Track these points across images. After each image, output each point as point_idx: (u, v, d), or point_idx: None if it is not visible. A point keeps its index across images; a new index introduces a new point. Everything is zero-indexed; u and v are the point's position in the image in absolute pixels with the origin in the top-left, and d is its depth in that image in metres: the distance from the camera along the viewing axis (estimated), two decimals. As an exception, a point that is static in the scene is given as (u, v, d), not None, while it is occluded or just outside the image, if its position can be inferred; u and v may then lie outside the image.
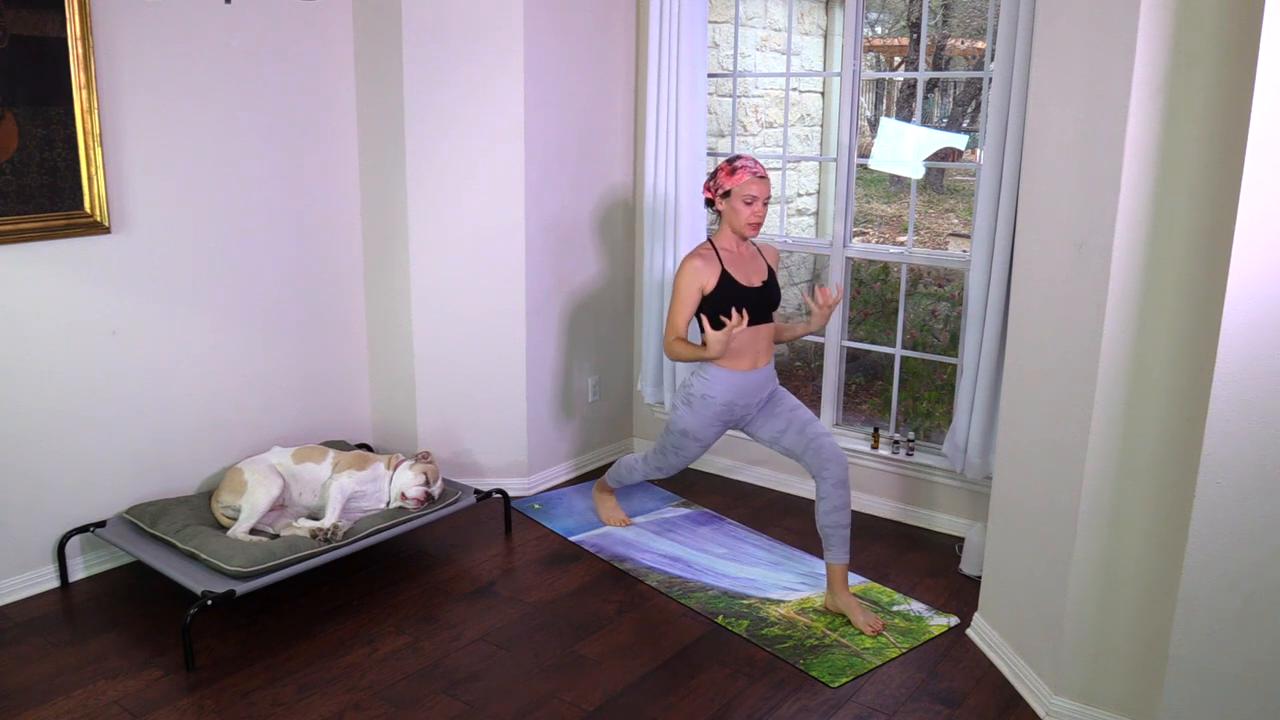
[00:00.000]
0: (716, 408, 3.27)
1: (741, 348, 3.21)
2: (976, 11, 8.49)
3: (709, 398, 3.25)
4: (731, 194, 3.15)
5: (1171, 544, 2.33)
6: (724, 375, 3.23)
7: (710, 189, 3.23)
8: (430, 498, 3.45)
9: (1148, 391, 2.37)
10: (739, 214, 3.15)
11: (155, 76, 3.29)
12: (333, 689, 2.77)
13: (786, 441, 3.28)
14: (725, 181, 3.16)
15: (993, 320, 3.42)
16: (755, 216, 3.15)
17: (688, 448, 3.39)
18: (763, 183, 3.14)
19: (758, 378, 3.27)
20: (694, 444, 3.37)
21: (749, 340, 3.22)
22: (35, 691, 2.72)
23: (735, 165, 3.15)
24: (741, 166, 3.14)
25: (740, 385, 3.25)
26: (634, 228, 4.47)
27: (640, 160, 4.37)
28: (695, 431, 3.33)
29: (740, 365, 3.23)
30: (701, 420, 3.30)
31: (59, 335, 3.18)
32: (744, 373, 3.24)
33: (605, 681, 2.83)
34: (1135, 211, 2.32)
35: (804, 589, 3.36)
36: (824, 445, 3.20)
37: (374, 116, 3.89)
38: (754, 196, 3.13)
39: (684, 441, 3.37)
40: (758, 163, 3.17)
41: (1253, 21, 2.03)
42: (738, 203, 3.14)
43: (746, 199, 3.13)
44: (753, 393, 3.28)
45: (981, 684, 2.84)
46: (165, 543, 3.15)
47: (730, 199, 3.16)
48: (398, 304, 4.00)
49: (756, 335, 3.23)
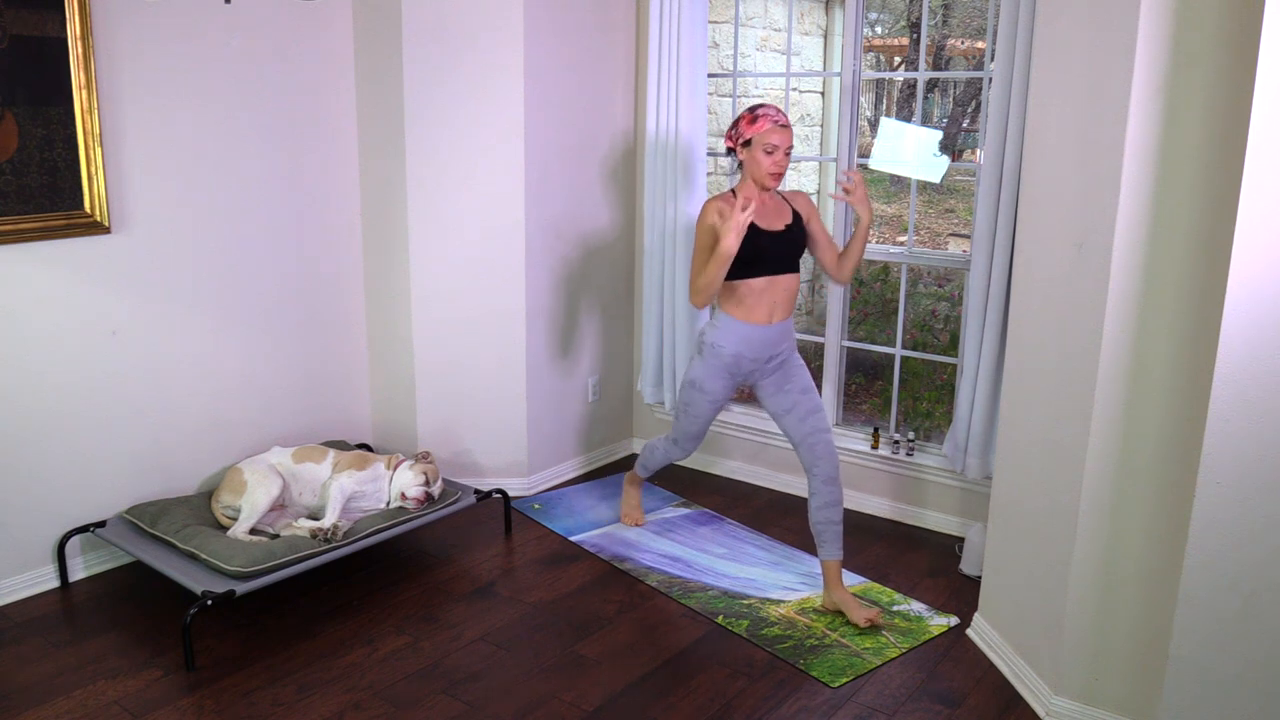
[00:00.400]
0: (725, 358, 3.17)
1: (756, 298, 3.11)
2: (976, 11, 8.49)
3: (718, 346, 3.17)
4: (752, 142, 3.06)
5: (1171, 544, 2.33)
6: (736, 326, 3.14)
7: (731, 137, 3.13)
8: (430, 498, 3.45)
9: (1148, 391, 2.37)
10: (760, 163, 3.06)
11: (155, 76, 3.29)
12: (333, 689, 2.77)
13: (788, 423, 3.22)
14: (746, 130, 3.07)
15: (993, 320, 3.42)
16: (776, 166, 3.06)
17: (696, 402, 3.29)
18: (784, 131, 3.05)
19: (772, 333, 3.16)
20: (702, 396, 3.27)
21: (765, 290, 3.12)
22: (35, 691, 2.72)
23: (757, 113, 3.06)
24: (763, 114, 3.05)
25: (752, 338, 3.14)
26: (634, 227, 4.47)
27: (640, 160, 4.37)
28: (702, 381, 3.24)
29: (754, 317, 3.13)
30: (709, 370, 3.21)
31: (59, 335, 3.18)
32: (758, 325, 3.14)
33: (605, 681, 2.83)
34: (1135, 211, 2.32)
35: (804, 589, 3.36)
36: (817, 442, 3.17)
37: (374, 116, 3.89)
38: (775, 145, 3.03)
39: (692, 395, 3.28)
40: (780, 111, 3.08)
41: (1253, 21, 2.03)
42: (758, 152, 3.05)
43: (767, 148, 3.03)
44: (765, 347, 3.17)
45: (981, 684, 2.84)
46: (165, 543, 3.15)
47: (751, 148, 3.06)
48: (398, 304, 4.00)
49: (774, 285, 3.12)
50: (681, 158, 4.05)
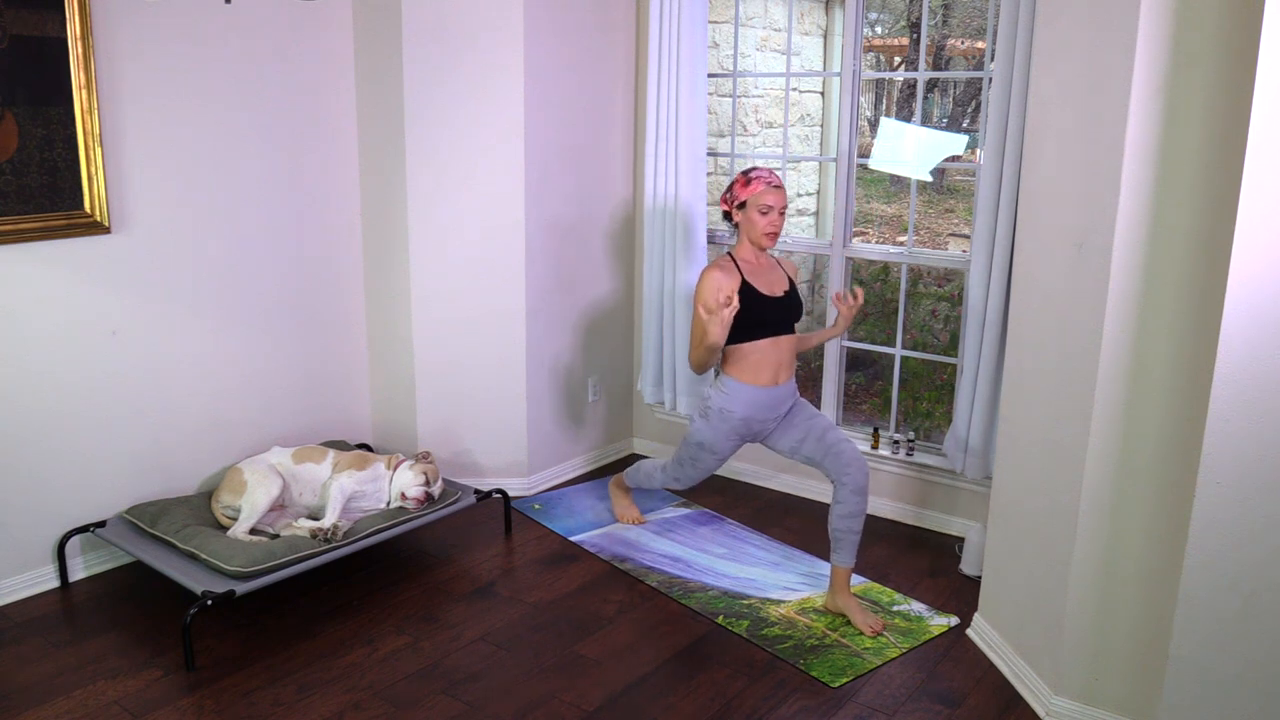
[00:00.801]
0: (734, 422, 3.22)
1: (762, 361, 3.17)
2: (976, 11, 8.49)
3: (726, 412, 3.21)
4: (747, 204, 3.14)
5: (1171, 544, 2.33)
6: (743, 389, 3.19)
7: (727, 201, 3.22)
8: (430, 498, 3.45)
9: (1148, 391, 2.37)
10: (755, 224, 3.14)
11: (155, 76, 3.29)
12: (333, 689, 2.77)
13: (806, 450, 3.24)
14: (740, 193, 3.16)
15: (993, 320, 3.42)
16: (771, 226, 3.13)
17: (704, 460, 3.35)
18: (778, 192, 3.13)
19: (779, 394, 3.22)
20: (710, 457, 3.33)
21: (770, 353, 3.18)
22: (35, 691, 2.72)
23: (750, 176, 3.15)
24: (756, 177, 3.14)
25: (760, 401, 3.20)
26: (634, 227, 4.47)
27: (640, 160, 4.37)
28: (711, 444, 3.29)
29: (760, 380, 3.18)
30: (718, 434, 3.26)
31: (59, 335, 3.18)
32: (764, 388, 3.19)
33: (605, 681, 2.83)
34: (1135, 211, 2.32)
35: (804, 589, 3.36)
36: (844, 451, 3.17)
37: (374, 116, 3.89)
38: (769, 206, 3.11)
39: (700, 454, 3.33)
40: (773, 173, 3.16)
41: (1253, 21, 2.03)
42: (753, 213, 3.13)
43: (762, 209, 3.12)
44: (772, 408, 3.23)
45: (981, 684, 2.84)
46: (165, 543, 3.15)
47: (746, 209, 3.15)
48: (398, 304, 4.00)
49: (778, 348, 3.19)
50: (682, 160, 4.05)
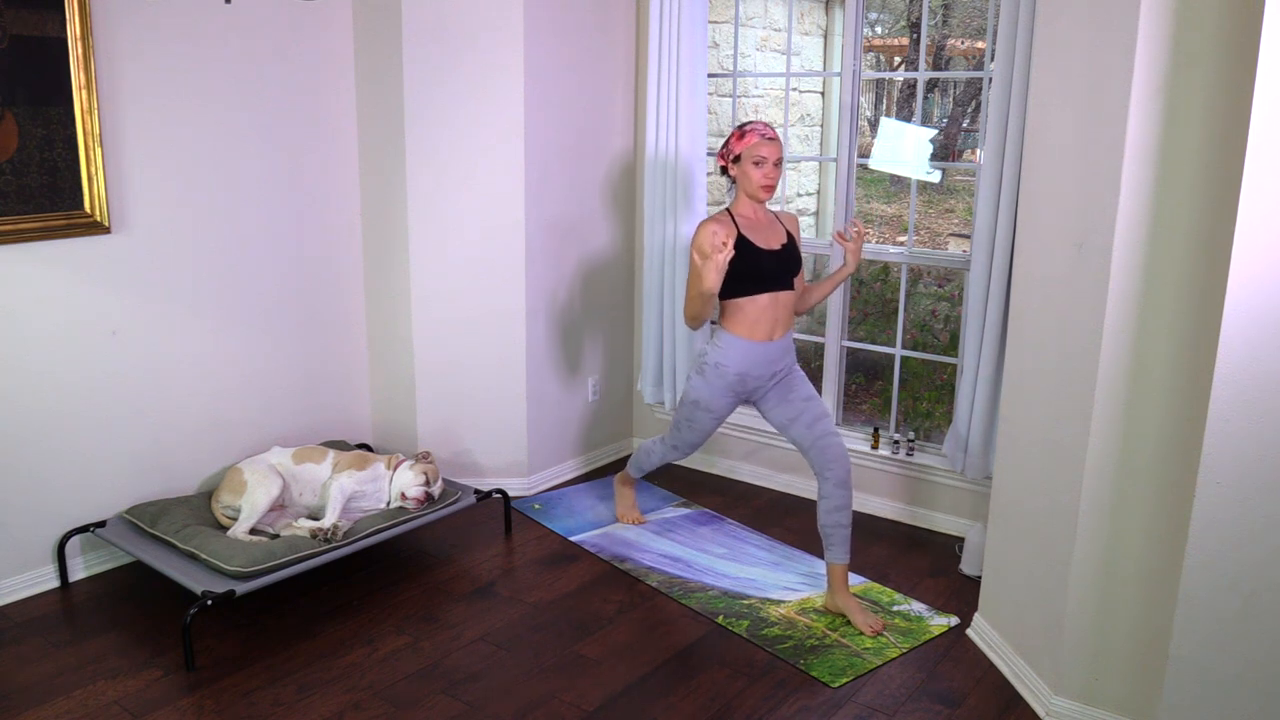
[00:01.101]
0: (730, 377, 3.20)
1: (760, 316, 3.15)
2: (976, 11, 8.49)
3: (721, 366, 3.20)
4: (742, 157, 3.13)
5: (1171, 544, 2.33)
6: (739, 344, 3.17)
7: (723, 155, 3.20)
8: (430, 498, 3.45)
9: (1148, 391, 2.37)
10: (750, 176, 3.12)
11: (155, 76, 3.29)
12: (333, 689, 2.77)
13: (794, 432, 3.24)
14: (735, 146, 3.14)
15: (993, 320, 3.42)
16: (767, 178, 3.11)
17: (700, 420, 3.33)
18: (772, 144, 3.10)
19: (774, 349, 3.20)
20: (706, 415, 3.30)
21: (767, 307, 3.16)
22: (35, 691, 2.72)
23: (745, 129, 3.13)
24: (750, 130, 3.12)
25: (755, 355, 3.18)
26: (634, 227, 4.47)
27: (640, 160, 4.37)
28: (706, 401, 3.27)
29: (756, 335, 3.17)
30: (713, 390, 3.24)
31: (59, 335, 3.18)
32: (760, 343, 3.17)
33: (605, 681, 2.83)
34: (1135, 211, 2.32)
35: (804, 589, 3.36)
36: (829, 445, 3.18)
37: (374, 116, 3.89)
38: (763, 157, 3.09)
39: (696, 413, 3.31)
40: (768, 125, 3.14)
41: (1253, 21, 2.03)
42: (748, 165, 3.12)
43: (756, 159, 3.10)
44: (768, 364, 3.21)
45: (981, 684, 2.84)
46: (165, 543, 3.15)
47: (741, 163, 3.13)
48: (398, 304, 4.00)
49: (775, 303, 3.17)
50: (682, 159, 4.05)
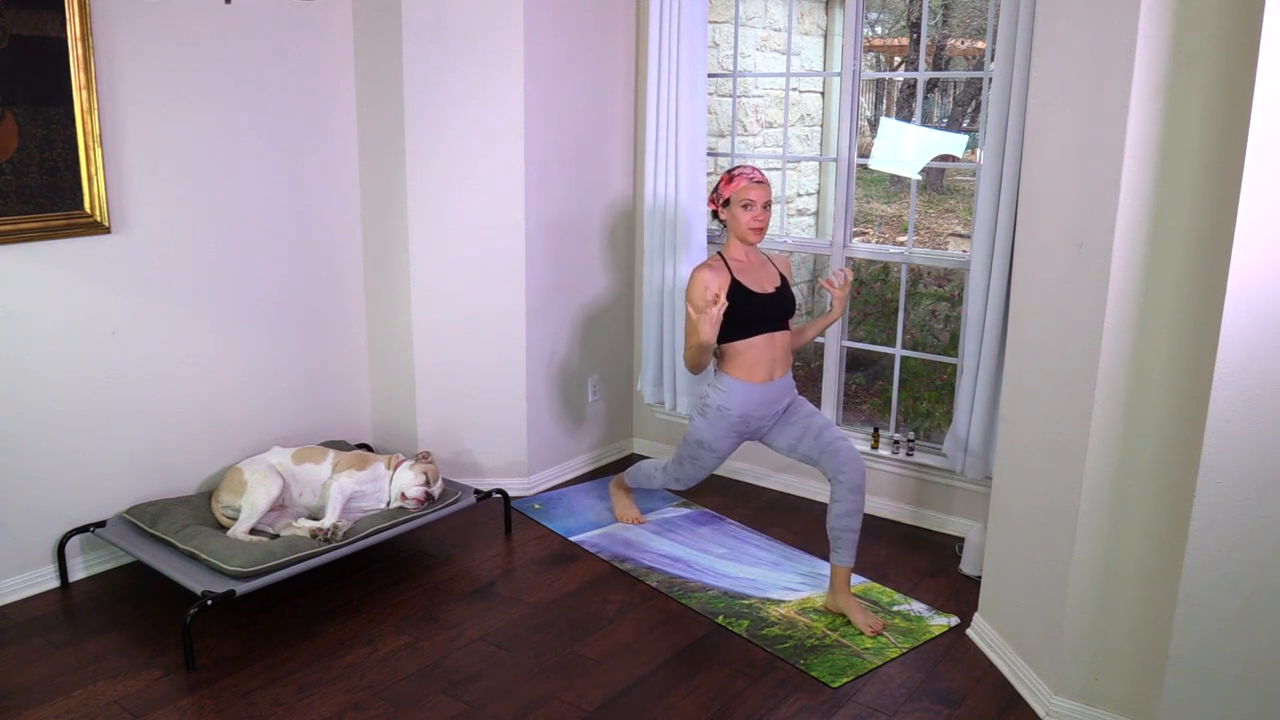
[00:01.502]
0: (732, 419, 3.24)
1: (757, 358, 3.19)
2: (976, 11, 8.49)
3: (724, 409, 3.23)
4: (731, 201, 3.19)
5: (1171, 544, 2.33)
6: (740, 387, 3.21)
7: (713, 200, 3.26)
8: (430, 498, 3.45)
9: (1148, 391, 2.37)
10: (740, 220, 3.18)
11: (155, 77, 3.29)
12: (333, 689, 2.77)
13: (803, 449, 3.26)
14: (724, 190, 3.20)
15: (993, 320, 3.42)
16: (755, 221, 3.17)
17: (704, 459, 3.37)
18: (760, 187, 3.16)
19: (774, 390, 3.24)
20: (710, 454, 3.35)
21: (764, 349, 3.20)
22: (35, 691, 2.72)
23: (733, 174, 3.19)
24: (739, 174, 3.18)
25: (756, 398, 3.22)
26: (634, 227, 4.47)
27: (640, 160, 4.37)
28: (710, 443, 3.31)
29: (756, 377, 3.20)
30: (716, 432, 3.28)
31: (59, 335, 3.18)
32: (760, 385, 3.21)
33: (605, 681, 2.83)
34: (1135, 211, 2.32)
35: (804, 589, 3.36)
36: (840, 449, 3.18)
37: (374, 116, 3.89)
38: (751, 200, 3.15)
39: (700, 452, 3.35)
40: (756, 169, 3.20)
41: (1253, 21, 2.03)
42: (737, 209, 3.18)
43: (745, 203, 3.16)
44: (769, 405, 3.25)
45: (981, 684, 2.84)
46: (165, 543, 3.15)
47: (730, 206, 3.19)
48: (398, 304, 4.00)
49: (773, 344, 3.21)
50: (682, 160, 4.05)
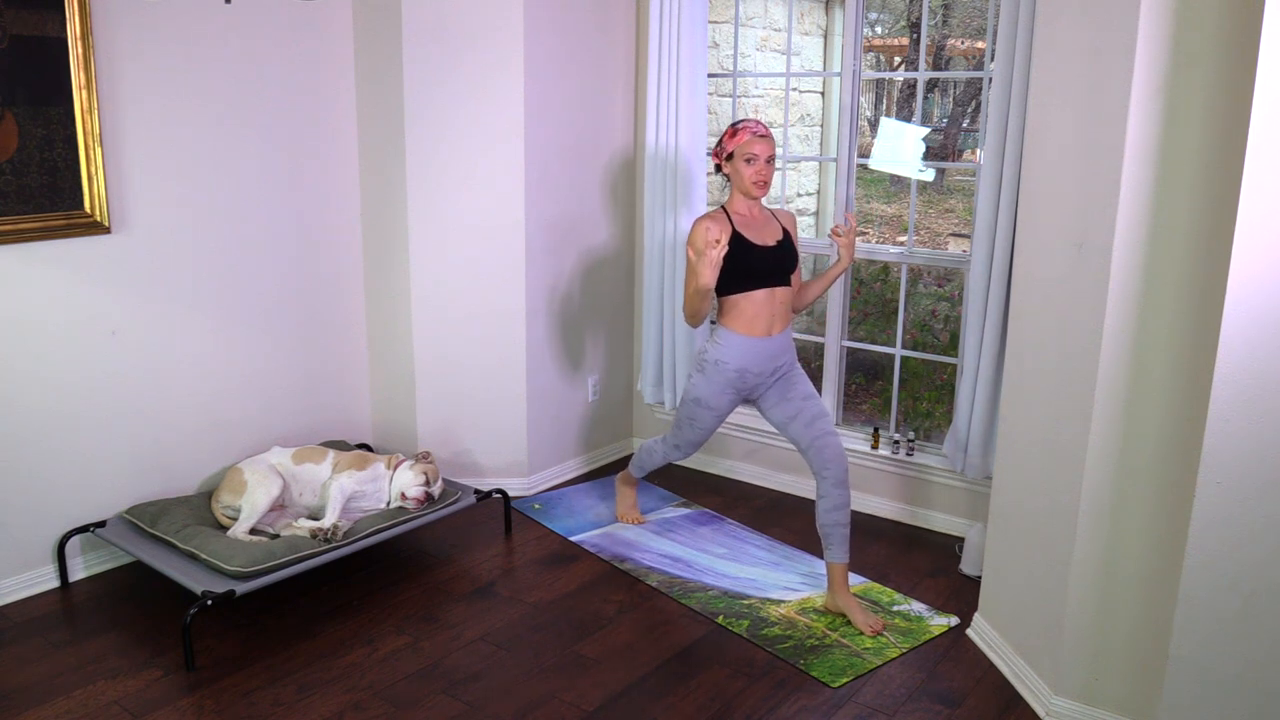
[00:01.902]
0: (729, 373, 3.21)
1: (757, 312, 3.17)
2: (976, 11, 8.49)
3: (721, 363, 3.21)
4: (734, 155, 3.15)
5: (1171, 544, 2.33)
6: (738, 340, 3.19)
7: (717, 154, 3.23)
8: (430, 498, 3.45)
9: (1148, 391, 2.37)
10: (743, 173, 3.15)
11: (155, 76, 3.29)
12: (333, 689, 2.77)
13: (793, 430, 3.25)
14: (728, 144, 3.17)
15: (993, 320, 3.42)
16: (759, 175, 3.14)
17: (701, 418, 3.34)
18: (764, 141, 3.13)
19: (773, 345, 3.22)
20: (707, 413, 3.32)
21: (764, 303, 3.18)
22: (35, 691, 2.72)
23: (737, 127, 3.16)
24: (743, 127, 3.15)
25: (754, 351, 3.20)
26: (634, 227, 4.47)
27: (640, 160, 4.37)
28: (708, 399, 3.28)
29: (755, 330, 3.18)
30: (714, 387, 3.25)
31: (59, 335, 3.18)
32: (759, 339, 3.19)
33: (605, 681, 2.83)
34: (1135, 211, 2.32)
35: (804, 589, 3.36)
36: (826, 445, 3.18)
37: (374, 116, 3.89)
38: (755, 154, 3.12)
39: (697, 411, 3.32)
40: (760, 123, 3.16)
41: (1253, 21, 2.03)
42: (740, 163, 3.14)
43: (748, 156, 3.12)
44: (767, 360, 3.22)
45: (981, 684, 2.84)
46: (165, 543, 3.15)
47: (734, 160, 3.16)
48: (398, 304, 4.00)
49: (772, 298, 3.19)
50: (682, 160, 4.05)
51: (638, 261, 4.48)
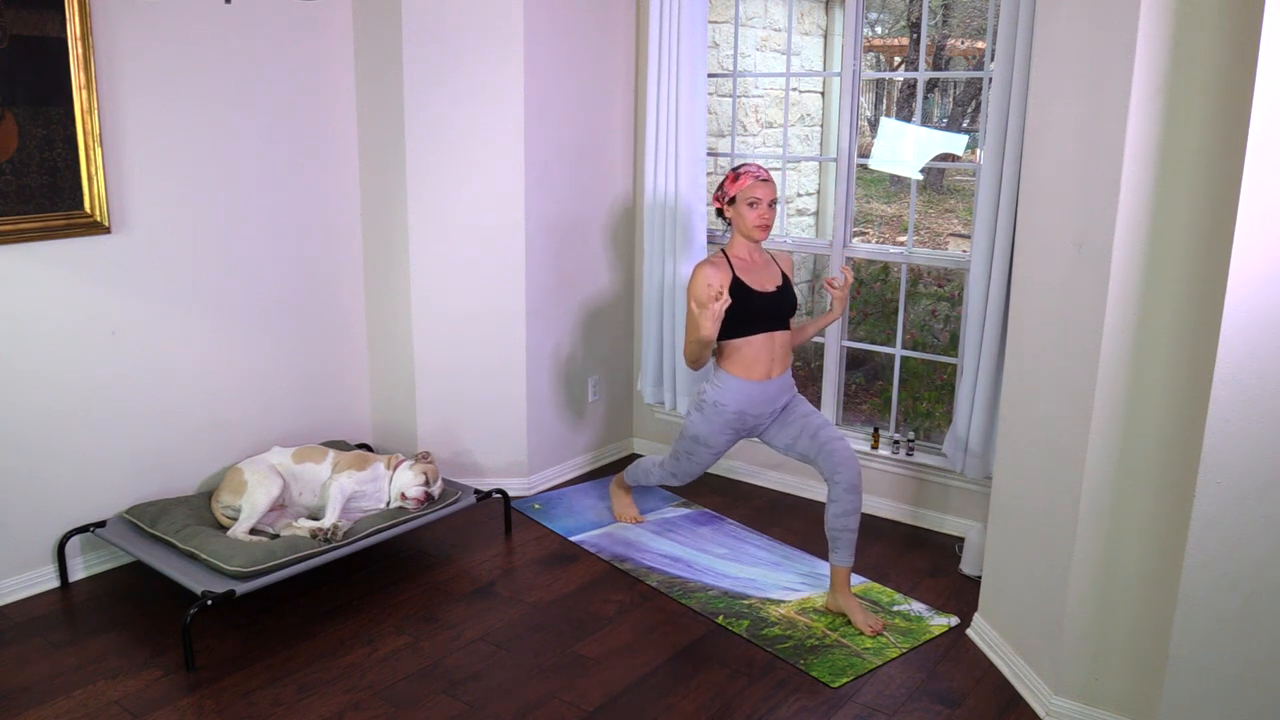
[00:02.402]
0: (728, 415, 3.24)
1: (756, 356, 3.19)
2: (976, 11, 8.49)
3: (720, 405, 3.23)
4: (737, 199, 3.19)
5: (1171, 544, 2.33)
6: (736, 384, 3.21)
7: (718, 198, 3.26)
8: (430, 498, 3.45)
9: (1148, 391, 2.37)
10: (745, 218, 3.18)
11: (155, 77, 3.29)
12: (333, 689, 2.77)
13: (800, 448, 3.25)
14: (730, 188, 3.20)
15: (993, 320, 3.42)
16: (761, 219, 3.17)
17: (699, 454, 3.37)
18: (766, 185, 3.16)
19: (772, 389, 3.24)
20: (705, 450, 3.35)
21: (764, 348, 3.20)
22: (35, 691, 2.72)
23: (739, 172, 3.20)
24: (744, 172, 3.18)
25: (753, 395, 3.22)
26: (634, 227, 4.47)
27: (640, 160, 4.37)
28: (706, 438, 3.31)
29: (754, 374, 3.20)
30: (712, 427, 3.28)
31: (59, 335, 3.18)
32: (758, 382, 3.21)
33: (605, 681, 2.83)
34: (1135, 211, 2.32)
35: (804, 589, 3.36)
36: (836, 449, 3.18)
37: (374, 116, 3.89)
38: (757, 199, 3.15)
39: (695, 448, 3.35)
40: (761, 167, 3.20)
41: (1253, 21, 2.03)
42: (743, 207, 3.18)
43: (751, 201, 3.16)
44: (766, 403, 3.24)
45: (981, 684, 2.84)
46: (165, 543, 3.15)
47: (736, 204, 3.19)
48: (398, 304, 4.00)
49: (772, 343, 3.21)
50: (682, 160, 4.05)
51: (638, 261, 4.48)
